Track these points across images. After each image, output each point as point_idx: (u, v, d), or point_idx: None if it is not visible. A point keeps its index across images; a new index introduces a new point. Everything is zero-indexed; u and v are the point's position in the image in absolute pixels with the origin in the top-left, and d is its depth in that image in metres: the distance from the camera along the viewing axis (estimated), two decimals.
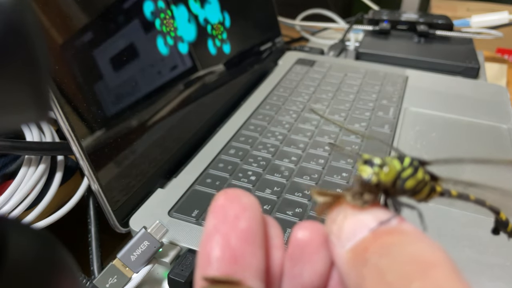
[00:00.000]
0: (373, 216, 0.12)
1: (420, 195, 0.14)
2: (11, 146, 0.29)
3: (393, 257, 0.11)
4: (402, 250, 0.11)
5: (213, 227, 0.12)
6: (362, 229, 0.12)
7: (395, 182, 0.13)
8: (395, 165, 0.13)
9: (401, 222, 0.12)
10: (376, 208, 0.12)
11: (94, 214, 0.31)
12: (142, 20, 0.34)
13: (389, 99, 0.47)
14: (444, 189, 0.15)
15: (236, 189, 0.13)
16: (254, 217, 0.12)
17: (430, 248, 0.11)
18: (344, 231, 0.12)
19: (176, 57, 0.37)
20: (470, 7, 0.95)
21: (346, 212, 0.12)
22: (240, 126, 0.41)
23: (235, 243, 0.12)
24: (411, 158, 0.13)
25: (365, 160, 0.13)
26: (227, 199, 0.12)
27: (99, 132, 0.29)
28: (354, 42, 0.63)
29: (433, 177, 0.14)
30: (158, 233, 0.26)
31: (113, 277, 0.25)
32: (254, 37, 0.51)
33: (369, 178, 0.12)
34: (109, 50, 0.30)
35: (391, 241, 0.11)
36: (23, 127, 0.33)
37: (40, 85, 0.09)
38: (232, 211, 0.12)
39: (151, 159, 0.33)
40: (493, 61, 0.63)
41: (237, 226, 0.12)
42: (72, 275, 0.12)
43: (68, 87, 0.27)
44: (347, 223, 0.12)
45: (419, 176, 0.13)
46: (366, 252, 0.11)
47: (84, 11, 0.29)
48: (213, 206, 0.12)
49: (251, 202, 0.13)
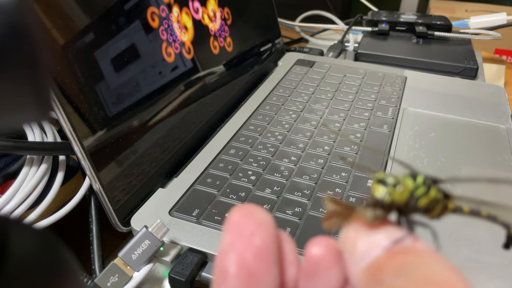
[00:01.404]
0: (386, 235, 0.12)
1: (433, 213, 0.14)
2: (13, 146, 0.29)
3: (408, 278, 0.11)
4: (417, 270, 0.11)
5: (229, 243, 0.12)
6: (376, 247, 0.12)
7: (408, 201, 0.13)
8: (408, 184, 0.13)
9: (415, 241, 0.12)
10: (389, 227, 0.12)
11: (96, 214, 0.31)
12: (143, 21, 0.34)
13: (388, 99, 0.47)
14: (456, 206, 0.15)
15: (251, 205, 0.13)
16: (269, 233, 0.12)
17: (445, 270, 0.11)
18: (358, 249, 0.12)
19: (177, 58, 0.37)
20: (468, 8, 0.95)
21: (359, 230, 0.12)
22: (240, 126, 0.41)
23: (250, 260, 0.12)
24: (424, 176, 0.13)
25: (378, 179, 0.13)
26: (242, 216, 0.13)
27: (100, 132, 0.29)
28: (353, 43, 0.63)
29: (446, 195, 0.14)
30: (159, 232, 0.26)
31: (114, 276, 0.25)
32: (254, 38, 0.52)
33: (383, 198, 0.12)
34: (110, 50, 0.30)
35: (405, 261, 0.11)
36: (25, 127, 0.33)
37: (41, 85, 0.09)
38: (247, 228, 0.12)
39: (152, 159, 0.33)
40: (491, 61, 0.63)
41: (252, 243, 0.12)
42: (74, 274, 0.12)
43: (69, 88, 0.27)
44: (361, 241, 0.12)
45: (432, 194, 0.13)
46: (381, 272, 0.11)
47: (84, 11, 0.29)
48: (229, 223, 0.13)
49: (265, 218, 0.13)
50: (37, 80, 0.09)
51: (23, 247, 0.11)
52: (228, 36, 0.46)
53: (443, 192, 0.14)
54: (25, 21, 0.08)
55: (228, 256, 0.12)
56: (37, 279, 0.10)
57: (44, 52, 0.09)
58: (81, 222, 0.32)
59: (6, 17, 0.08)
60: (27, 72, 0.09)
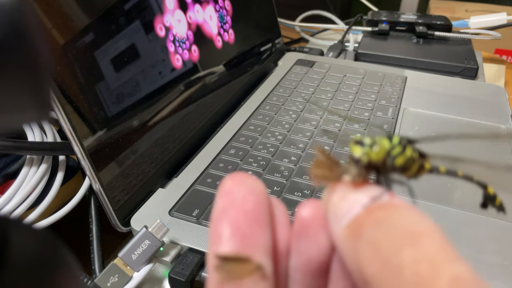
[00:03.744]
0: (365, 194, 0.13)
1: (409, 172, 0.15)
2: (13, 146, 0.29)
3: (385, 230, 0.11)
4: (394, 222, 0.11)
5: (222, 209, 0.13)
6: (356, 206, 0.12)
7: (385, 161, 0.14)
8: (384, 144, 0.13)
9: (392, 197, 0.12)
10: (368, 186, 0.13)
11: (96, 214, 0.31)
12: (143, 21, 0.34)
13: (388, 99, 0.47)
14: (432, 166, 0.16)
15: (243, 174, 0.13)
16: (260, 198, 0.13)
17: (419, 219, 0.11)
18: (340, 209, 0.13)
19: (176, 58, 0.37)
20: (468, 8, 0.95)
21: (340, 190, 0.13)
22: (240, 126, 0.41)
23: (243, 223, 0.12)
24: (400, 137, 0.14)
25: (356, 140, 0.13)
26: (234, 183, 0.13)
27: (100, 132, 0.29)
28: (354, 43, 0.63)
29: (422, 155, 0.15)
30: (159, 232, 0.26)
31: (114, 276, 0.25)
32: (254, 38, 0.52)
33: (360, 157, 0.13)
34: (110, 50, 0.30)
35: (383, 215, 0.12)
36: (25, 127, 0.33)
37: (41, 85, 0.09)
38: (239, 193, 0.13)
39: (152, 159, 0.33)
40: (491, 61, 0.63)
41: (244, 207, 0.13)
42: (74, 274, 0.12)
43: (69, 87, 0.27)
44: (342, 201, 0.13)
45: (407, 153, 0.14)
46: (361, 227, 0.12)
47: (84, 11, 0.29)
48: (221, 190, 0.13)
49: (256, 184, 0.13)
50: (37, 80, 0.09)
51: (23, 247, 0.11)
52: (228, 37, 0.46)
53: (419, 152, 0.15)
54: (25, 20, 0.08)
55: (221, 220, 0.12)
56: (37, 279, 0.10)
57: (44, 52, 0.09)
58: (81, 222, 0.32)
59: (6, 17, 0.08)
60: (27, 72, 0.09)
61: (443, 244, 0.11)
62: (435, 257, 0.10)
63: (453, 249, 0.11)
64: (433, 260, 0.10)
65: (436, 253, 0.10)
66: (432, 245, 0.10)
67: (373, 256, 0.11)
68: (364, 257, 0.11)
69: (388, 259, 0.11)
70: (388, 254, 0.11)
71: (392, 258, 0.10)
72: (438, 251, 0.10)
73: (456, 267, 0.10)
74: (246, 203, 0.13)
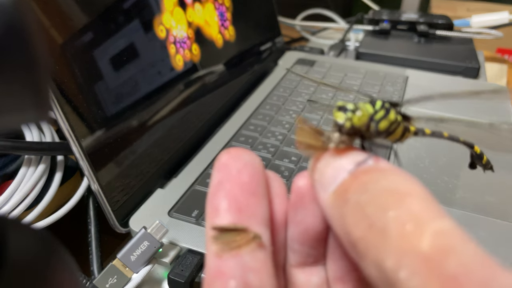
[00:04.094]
0: (350, 159, 0.13)
1: (394, 136, 0.15)
2: (11, 146, 0.29)
3: (370, 192, 0.11)
4: (379, 184, 0.11)
5: (218, 182, 0.13)
6: (341, 172, 0.12)
7: (369, 125, 0.13)
8: (367, 109, 0.13)
9: (377, 161, 0.12)
10: (353, 152, 0.13)
11: (94, 214, 0.31)
12: (142, 20, 0.34)
13: (389, 99, 0.47)
14: (417, 129, 0.15)
15: (239, 148, 0.14)
16: (256, 171, 0.13)
17: (404, 180, 0.11)
18: (326, 177, 0.13)
19: (175, 57, 0.37)
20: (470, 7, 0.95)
21: (324, 158, 0.13)
22: (240, 126, 0.41)
23: (239, 194, 0.12)
24: (382, 101, 0.14)
25: (339, 106, 0.13)
26: (230, 157, 0.13)
27: (99, 132, 0.29)
28: (354, 42, 0.63)
29: (406, 117, 0.15)
30: (158, 233, 0.26)
31: (113, 277, 0.25)
32: (254, 37, 0.51)
33: (343, 123, 0.13)
34: (109, 50, 0.30)
35: (368, 178, 0.12)
36: (23, 127, 0.33)
37: (40, 85, 0.09)
38: (234, 167, 0.13)
39: (151, 159, 0.33)
40: (493, 61, 0.63)
41: (240, 180, 0.13)
42: (72, 275, 0.12)
43: (68, 87, 0.27)
44: (328, 169, 0.13)
45: (391, 117, 0.14)
46: (347, 192, 0.12)
47: (83, 10, 0.29)
48: (217, 164, 0.13)
49: (252, 158, 0.13)
50: (35, 80, 0.09)
51: (21, 248, 0.11)
52: (227, 35, 0.45)
53: (403, 114, 0.15)
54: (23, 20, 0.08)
55: (218, 193, 0.13)
56: (35, 280, 0.10)
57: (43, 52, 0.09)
58: (80, 223, 0.32)
59: (4, 17, 0.08)
60: (26, 72, 0.08)
61: (427, 203, 0.11)
62: (419, 215, 0.10)
63: (437, 206, 0.11)
64: (417, 218, 0.10)
65: (420, 212, 0.10)
66: (416, 204, 0.10)
67: (359, 219, 0.11)
68: (351, 221, 0.11)
69: (373, 221, 0.11)
70: (373, 216, 0.11)
71: (377, 220, 0.11)
72: (422, 210, 0.10)
73: (440, 223, 0.10)
74: (242, 176, 0.13)
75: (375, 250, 0.10)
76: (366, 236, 0.11)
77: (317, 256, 0.14)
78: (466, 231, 0.10)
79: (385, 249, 0.10)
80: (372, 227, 0.11)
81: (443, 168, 0.36)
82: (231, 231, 0.12)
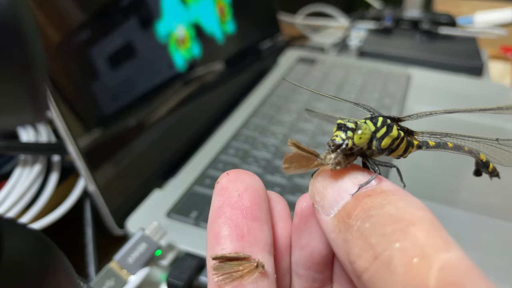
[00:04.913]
0: (352, 181, 0.12)
1: (398, 152, 0.14)
2: (6, 147, 0.28)
3: (374, 220, 0.11)
4: (383, 211, 0.11)
5: (218, 208, 0.12)
6: (343, 195, 0.12)
7: (370, 143, 0.13)
8: (368, 127, 0.13)
9: (380, 181, 0.12)
10: (355, 172, 0.12)
11: (91, 216, 0.30)
12: (139, 18, 0.33)
13: (391, 97, 0.46)
14: (421, 142, 0.15)
15: (237, 170, 0.13)
16: (257, 194, 0.13)
17: (409, 205, 0.11)
18: (327, 199, 0.12)
19: (173, 56, 0.36)
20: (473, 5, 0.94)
21: (325, 180, 0.12)
22: (240, 125, 0.40)
23: (240, 220, 0.12)
24: (384, 117, 0.13)
25: (338, 124, 0.13)
26: (230, 180, 0.13)
27: (96, 132, 0.28)
28: (356, 40, 0.62)
29: (408, 131, 0.15)
30: (156, 235, 0.26)
31: (110, 280, 0.25)
32: (254, 35, 0.51)
33: (342, 143, 0.12)
34: (107, 48, 0.30)
35: (371, 203, 0.11)
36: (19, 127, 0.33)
37: (37, 85, 0.09)
38: (235, 190, 0.13)
39: (149, 159, 0.33)
40: (497, 59, 0.62)
41: (241, 205, 0.12)
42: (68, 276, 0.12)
43: (65, 86, 0.26)
44: (329, 191, 0.12)
45: (393, 133, 0.13)
46: (349, 218, 0.11)
47: (79, 9, 0.28)
48: (217, 188, 0.13)
49: (253, 180, 0.13)
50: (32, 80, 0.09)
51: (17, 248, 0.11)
52: (227, 34, 0.45)
53: (405, 129, 0.14)
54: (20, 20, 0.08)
55: (218, 219, 0.12)
56: (30, 280, 0.10)
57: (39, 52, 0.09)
58: (76, 225, 0.31)
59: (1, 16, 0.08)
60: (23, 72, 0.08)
61: (433, 231, 0.10)
62: (425, 246, 0.10)
63: (444, 235, 0.10)
64: (423, 250, 0.10)
65: (427, 242, 0.10)
66: (421, 234, 0.10)
67: (363, 249, 0.10)
68: (355, 250, 0.11)
69: (378, 252, 0.10)
70: (378, 247, 0.10)
71: (382, 251, 0.10)
72: (429, 240, 0.10)
73: (447, 255, 0.10)
74: (243, 200, 0.12)
75: (381, 284, 0.10)
76: (371, 268, 0.10)
77: (323, 281, 0.13)
78: (474, 263, 0.10)
79: (391, 284, 0.10)
80: (377, 259, 0.10)
81: (447, 168, 0.35)
82: (233, 260, 0.12)
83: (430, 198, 0.31)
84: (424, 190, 0.32)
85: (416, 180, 0.33)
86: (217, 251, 0.12)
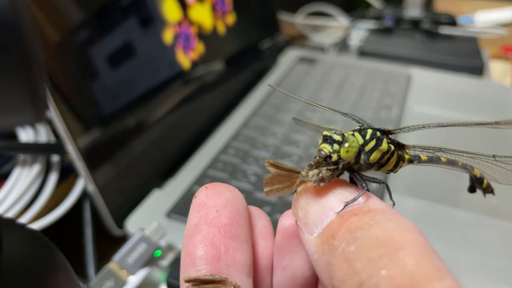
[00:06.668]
0: (338, 197, 0.11)
1: (387, 167, 0.13)
2: (5, 147, 0.28)
3: (360, 242, 0.10)
4: (369, 232, 0.10)
5: (194, 225, 0.12)
6: (328, 212, 0.11)
7: (358, 157, 0.12)
8: (356, 140, 0.12)
9: (368, 199, 0.11)
10: (341, 187, 0.12)
11: (90, 216, 0.30)
12: (138, 18, 0.33)
13: (392, 97, 0.46)
14: (412, 156, 0.14)
15: (217, 184, 0.12)
16: (237, 210, 0.12)
17: (398, 226, 0.10)
18: (310, 217, 0.11)
19: (173, 55, 0.36)
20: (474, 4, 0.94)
21: (309, 196, 0.12)
22: (240, 125, 0.40)
23: (217, 239, 0.11)
24: (373, 129, 0.13)
25: (324, 136, 0.12)
26: (208, 195, 0.12)
27: (95, 132, 0.28)
28: (356, 39, 0.62)
29: (399, 145, 0.14)
30: (155, 235, 0.26)
31: (110, 280, 0.25)
32: (254, 35, 0.51)
33: (328, 155, 0.11)
34: (106, 48, 0.30)
35: (357, 223, 0.10)
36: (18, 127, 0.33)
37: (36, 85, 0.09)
38: (213, 206, 0.12)
39: (149, 159, 0.32)
40: (497, 59, 0.62)
41: (219, 222, 0.11)
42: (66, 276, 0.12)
43: (64, 86, 0.26)
44: (313, 207, 0.11)
45: (383, 147, 0.12)
46: (334, 238, 0.10)
47: (78, 8, 0.28)
48: (194, 203, 0.12)
49: (233, 195, 0.12)
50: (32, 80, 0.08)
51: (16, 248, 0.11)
52: (226, 34, 0.45)
53: (396, 143, 0.13)
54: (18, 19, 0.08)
55: (194, 238, 0.11)
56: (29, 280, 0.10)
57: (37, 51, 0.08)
58: (75, 225, 0.31)
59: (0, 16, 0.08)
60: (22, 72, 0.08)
61: (424, 257, 0.09)
62: (415, 275, 0.09)
63: (435, 261, 0.09)
64: (412, 279, 0.09)
65: (416, 270, 0.09)
66: (411, 260, 0.09)
67: (347, 274, 0.10)
68: (338, 274, 0.10)
69: (363, 279, 0.09)
70: (363, 273, 0.09)
71: (367, 278, 0.09)
72: (419, 268, 0.09)
73: (438, 285, 0.09)
74: (221, 217, 0.11)
75: None
76: None
77: None
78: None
79: None
80: (361, 286, 0.09)
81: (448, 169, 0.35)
82: (207, 283, 0.11)
83: (431, 198, 0.31)
84: (424, 190, 0.32)
85: (417, 180, 0.33)
86: (191, 272, 0.11)
